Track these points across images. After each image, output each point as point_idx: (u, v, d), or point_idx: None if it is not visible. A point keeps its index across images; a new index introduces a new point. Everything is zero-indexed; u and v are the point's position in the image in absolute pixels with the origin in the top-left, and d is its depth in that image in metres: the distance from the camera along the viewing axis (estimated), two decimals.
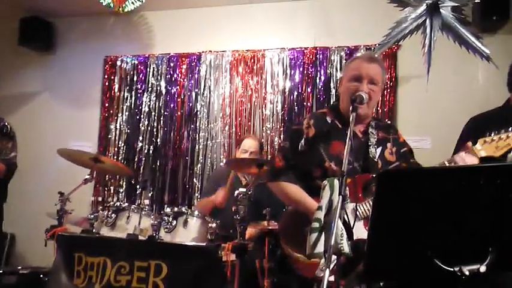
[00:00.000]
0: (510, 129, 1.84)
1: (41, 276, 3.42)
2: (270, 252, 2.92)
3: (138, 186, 4.29)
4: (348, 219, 1.72)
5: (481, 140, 1.87)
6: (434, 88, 3.75)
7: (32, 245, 3.14)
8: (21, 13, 4.75)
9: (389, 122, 2.27)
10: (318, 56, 4.26)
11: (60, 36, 4.96)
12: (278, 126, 4.25)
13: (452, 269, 1.32)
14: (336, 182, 1.62)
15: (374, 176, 1.93)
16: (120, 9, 3.99)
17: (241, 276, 2.68)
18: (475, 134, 2.45)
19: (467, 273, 1.32)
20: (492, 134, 1.89)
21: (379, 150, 2.09)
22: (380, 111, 4.06)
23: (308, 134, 2.09)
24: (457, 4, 3.33)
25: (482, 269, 1.32)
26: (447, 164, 1.84)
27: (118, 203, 2.87)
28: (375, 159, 2.05)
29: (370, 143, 2.07)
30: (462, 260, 1.33)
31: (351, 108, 1.86)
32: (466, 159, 1.80)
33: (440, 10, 3.26)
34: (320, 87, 4.22)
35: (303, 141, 2.09)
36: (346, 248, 1.57)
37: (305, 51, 4.30)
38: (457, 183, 1.26)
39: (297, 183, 2.09)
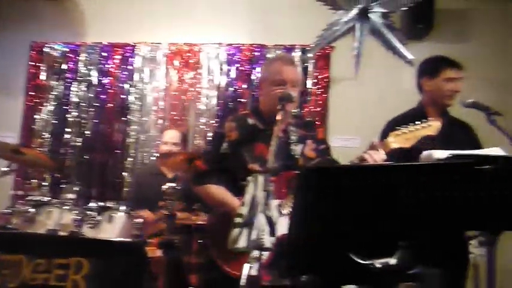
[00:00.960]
0: (418, 122, 1.97)
1: None
2: (198, 247, 2.90)
3: (63, 180, 4.09)
4: (272, 215, 1.74)
5: (392, 133, 1.98)
6: (364, 89, 3.91)
7: None
8: None
9: (309, 118, 2.33)
10: (254, 53, 4.28)
11: None
12: (212, 122, 4.22)
13: (365, 263, 1.38)
14: (260, 178, 1.64)
15: (296, 172, 1.98)
16: None
17: (169, 272, 2.64)
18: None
19: (379, 266, 1.38)
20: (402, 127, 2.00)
21: (299, 147, 2.14)
22: (312, 110, 4.16)
23: (230, 137, 2.12)
24: (385, 10, 3.48)
25: (393, 262, 1.39)
26: (357, 161, 1.92)
27: (38, 197, 2.72)
28: (297, 157, 2.09)
29: (291, 141, 2.12)
30: (375, 254, 1.39)
31: (279, 107, 1.88)
32: (374, 155, 1.88)
33: (370, 15, 3.39)
34: (256, 84, 4.24)
35: (225, 144, 2.11)
36: (267, 243, 1.59)
37: (242, 48, 4.30)
38: (372, 181, 1.31)
39: (222, 186, 2.10)
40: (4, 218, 2.76)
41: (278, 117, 1.83)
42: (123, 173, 4.19)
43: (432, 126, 1.94)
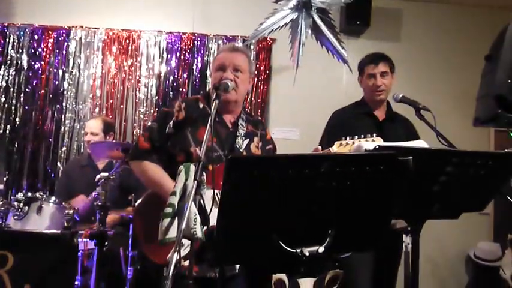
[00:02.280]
0: (362, 136, 2.02)
1: None
2: (134, 239, 2.84)
3: None
4: (205, 205, 1.73)
5: (337, 142, 2.01)
6: (304, 83, 3.98)
7: None
8: None
9: (259, 118, 2.34)
10: (195, 42, 4.23)
11: None
12: (152, 111, 4.14)
13: (294, 251, 1.41)
14: (192, 167, 1.62)
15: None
16: None
17: (104, 265, 2.57)
18: (334, 128, 2.69)
19: (307, 254, 1.42)
20: (348, 138, 2.04)
21: (246, 142, 2.13)
22: (254, 101, 4.19)
23: (178, 117, 2.06)
24: (323, 6, 3.55)
25: (321, 250, 1.43)
26: None
27: None
28: (241, 150, 2.09)
29: (238, 134, 2.11)
30: (304, 242, 1.42)
31: (214, 95, 1.87)
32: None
33: (311, 10, 3.45)
34: (196, 73, 4.20)
35: (171, 123, 2.05)
36: (199, 232, 1.58)
37: (183, 36, 4.24)
38: (300, 171, 1.34)
39: (160, 166, 2.04)
40: None
41: (212, 106, 1.79)
42: (57, 163, 4.01)
43: (375, 143, 1.90)
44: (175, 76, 4.19)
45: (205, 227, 1.65)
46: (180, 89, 4.17)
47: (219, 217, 1.38)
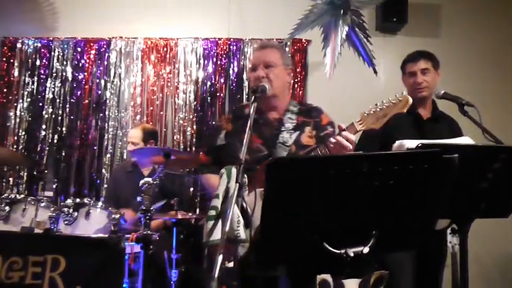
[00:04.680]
0: (388, 98, 1.85)
1: None
2: (179, 242, 2.90)
3: (39, 178, 4.03)
4: (247, 207, 1.75)
5: (361, 113, 1.89)
6: (341, 83, 3.95)
7: None
8: None
9: (314, 105, 2.28)
10: (231, 47, 4.28)
11: None
12: (191, 117, 4.21)
13: (338, 252, 1.40)
14: (233, 169, 1.65)
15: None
16: None
17: (149, 268, 2.64)
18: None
19: (352, 255, 1.40)
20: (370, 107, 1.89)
21: (295, 135, 2.10)
22: None
23: (227, 128, 2.17)
24: (359, 6, 3.51)
25: (365, 250, 1.41)
26: (323, 148, 1.90)
27: (12, 195, 2.68)
28: (286, 145, 2.08)
29: (283, 129, 2.11)
30: (348, 242, 1.41)
31: (252, 98, 1.89)
32: (340, 140, 1.81)
33: (346, 11, 3.42)
34: (233, 78, 4.25)
35: (222, 135, 2.15)
36: (242, 234, 1.60)
37: (219, 42, 4.29)
38: (341, 170, 1.33)
39: None
40: None
41: (250, 110, 1.80)
42: (102, 170, 4.15)
43: (402, 102, 1.78)
44: (213, 81, 4.25)
45: (248, 229, 1.68)
46: (218, 94, 4.23)
47: (262, 219, 1.40)
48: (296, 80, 4.22)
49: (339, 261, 1.41)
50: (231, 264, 1.69)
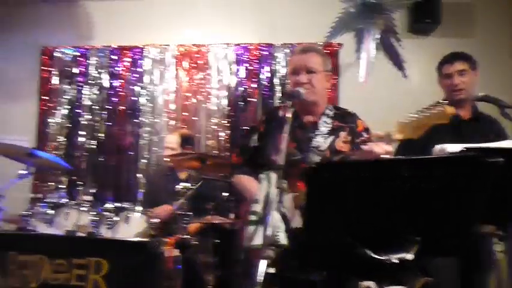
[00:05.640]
0: (429, 107, 1.69)
1: None
2: (214, 246, 2.94)
3: (79, 183, 4.15)
4: (285, 211, 1.77)
5: (399, 122, 1.76)
6: (374, 86, 3.91)
7: None
8: None
9: (349, 110, 2.26)
10: (262, 52, 4.31)
11: None
12: (223, 122, 4.26)
13: (382, 258, 1.39)
14: (273, 174, 1.66)
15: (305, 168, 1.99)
16: None
17: (185, 272, 2.69)
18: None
19: (395, 261, 1.39)
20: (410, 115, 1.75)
21: (329, 140, 2.10)
22: None
23: (260, 130, 2.18)
24: (389, 12, 3.47)
25: (409, 256, 1.40)
26: (355, 156, 1.89)
27: (56, 199, 2.78)
28: (320, 149, 2.08)
29: (318, 133, 2.11)
30: (390, 248, 1.40)
31: (288, 103, 1.90)
32: (375, 148, 1.75)
33: (379, 15, 3.40)
34: (265, 83, 4.28)
35: (256, 137, 2.16)
36: (283, 239, 1.62)
37: (250, 47, 4.33)
38: (382, 175, 1.33)
39: (252, 177, 2.14)
40: (24, 220, 2.83)
41: (288, 114, 1.82)
42: (137, 175, 4.25)
43: (445, 112, 1.60)
44: (245, 87, 4.29)
45: (287, 234, 1.69)
46: (250, 99, 4.27)
47: (303, 223, 1.42)
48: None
49: (382, 267, 1.41)
50: (271, 269, 1.71)
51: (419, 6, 3.90)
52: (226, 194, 3.81)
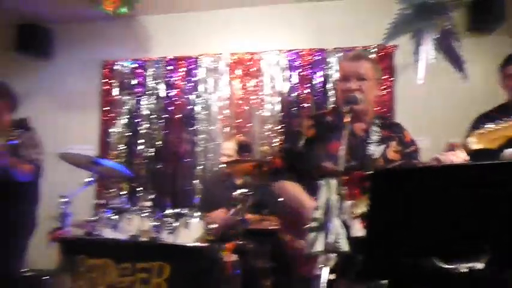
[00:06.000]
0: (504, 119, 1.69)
1: (45, 278, 3.45)
2: (271, 252, 2.95)
3: (139, 189, 4.32)
4: (345, 218, 1.75)
5: (476, 132, 1.75)
6: (432, 87, 3.79)
7: (35, 247, 3.17)
8: (19, 20, 4.79)
9: (395, 121, 2.28)
10: (314, 57, 4.30)
11: (58, 41, 4.98)
12: (277, 128, 4.29)
13: (449, 267, 1.35)
14: (333, 182, 1.65)
15: (370, 173, 1.96)
16: (114, 12, 4.01)
17: (243, 277, 2.72)
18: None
19: (464, 270, 1.34)
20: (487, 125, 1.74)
21: (381, 148, 2.10)
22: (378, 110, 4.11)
23: (307, 135, 2.13)
24: (448, 12, 3.36)
25: (479, 266, 1.34)
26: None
27: (119, 205, 2.90)
28: (374, 157, 2.07)
29: (370, 141, 2.10)
30: (459, 257, 1.35)
31: (345, 109, 1.90)
32: (450, 157, 1.74)
33: (438, 16, 3.29)
34: (317, 88, 4.27)
35: (302, 141, 2.12)
36: (344, 246, 1.60)
37: (302, 53, 4.34)
38: (451, 181, 1.30)
39: (297, 183, 2.12)
40: (90, 225, 2.98)
41: (346, 119, 1.84)
42: (194, 181, 4.36)
43: None
44: (297, 92, 4.30)
45: (348, 240, 1.67)
46: (303, 105, 4.27)
47: (367, 231, 1.40)
48: (384, 87, 4.13)
49: (451, 277, 1.36)
50: (331, 276, 1.70)
51: (480, 4, 3.73)
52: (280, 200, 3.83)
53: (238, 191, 2.65)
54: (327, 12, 4.37)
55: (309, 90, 4.28)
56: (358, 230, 1.85)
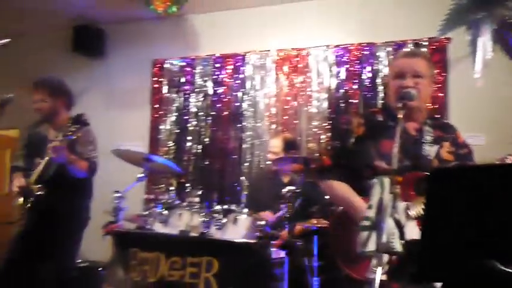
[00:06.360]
0: None
1: (99, 269, 3.60)
2: (319, 250, 2.93)
3: (187, 185, 4.40)
4: (399, 218, 1.70)
5: None
6: (488, 82, 3.62)
7: (90, 240, 3.30)
8: (74, 22, 5.01)
9: (447, 121, 2.21)
10: (363, 52, 4.21)
11: (110, 41, 5.17)
12: (324, 124, 4.24)
13: (510, 270, 1.28)
14: (386, 180, 1.61)
15: (426, 174, 1.90)
16: (164, 11, 4.09)
17: (290, 274, 2.72)
18: None
19: None
20: None
21: (435, 148, 2.04)
22: (431, 108, 3.96)
23: (358, 133, 2.08)
24: (506, 1, 3.18)
25: None
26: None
27: (170, 201, 2.97)
28: (429, 158, 2.01)
29: (424, 141, 2.04)
30: None
31: (399, 105, 1.84)
32: None
33: (495, 7, 3.13)
34: (366, 83, 4.17)
35: (352, 139, 2.08)
36: (398, 247, 1.56)
37: (350, 48, 4.26)
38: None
39: (345, 183, 2.08)
40: (142, 220, 3.07)
41: (399, 115, 1.79)
42: (241, 177, 4.38)
43: None
44: (345, 88, 4.22)
45: (401, 241, 1.63)
46: (351, 101, 4.19)
47: (422, 232, 1.35)
48: (435, 83, 3.98)
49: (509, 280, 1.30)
50: (383, 277, 1.66)
51: None
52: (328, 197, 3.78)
53: (286, 189, 2.63)
54: (377, 5, 4.27)
55: (357, 85, 4.19)
56: (413, 231, 1.80)
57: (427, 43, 4.00)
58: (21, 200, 2.99)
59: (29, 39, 5.25)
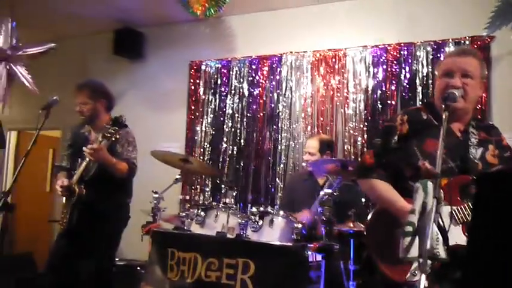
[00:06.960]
0: None
1: (137, 268, 3.68)
2: (355, 253, 2.88)
3: (222, 186, 4.43)
4: (443, 223, 1.65)
5: None
6: None
7: (129, 239, 3.37)
8: (115, 25, 5.14)
9: (491, 123, 2.13)
10: (402, 52, 4.12)
11: (149, 44, 5.29)
12: (361, 126, 4.17)
13: None
14: (430, 184, 1.56)
15: (473, 177, 1.83)
16: (203, 13, 4.13)
17: (327, 278, 2.68)
18: None
19: None
20: None
21: (480, 151, 1.97)
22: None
23: (401, 131, 2.01)
24: None
25: None
26: None
27: (206, 202, 2.99)
28: (475, 161, 1.94)
29: (470, 143, 1.97)
30: None
31: (443, 106, 1.79)
32: None
33: None
34: (405, 84, 4.08)
35: (395, 137, 2.01)
36: (442, 252, 1.51)
37: (388, 48, 4.17)
38: None
39: (388, 182, 2.02)
40: (179, 220, 3.11)
41: (443, 116, 1.73)
42: (276, 179, 4.38)
43: None
44: (383, 89, 4.14)
45: (445, 247, 1.58)
46: (389, 102, 4.11)
47: (469, 240, 1.30)
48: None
49: None
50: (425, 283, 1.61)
51: None
52: (364, 200, 3.72)
53: (322, 191, 2.60)
54: (415, 4, 4.17)
55: (394, 86, 4.10)
56: (458, 237, 1.74)
57: (468, 42, 3.88)
58: (64, 199, 3.10)
59: (72, 43, 5.44)
